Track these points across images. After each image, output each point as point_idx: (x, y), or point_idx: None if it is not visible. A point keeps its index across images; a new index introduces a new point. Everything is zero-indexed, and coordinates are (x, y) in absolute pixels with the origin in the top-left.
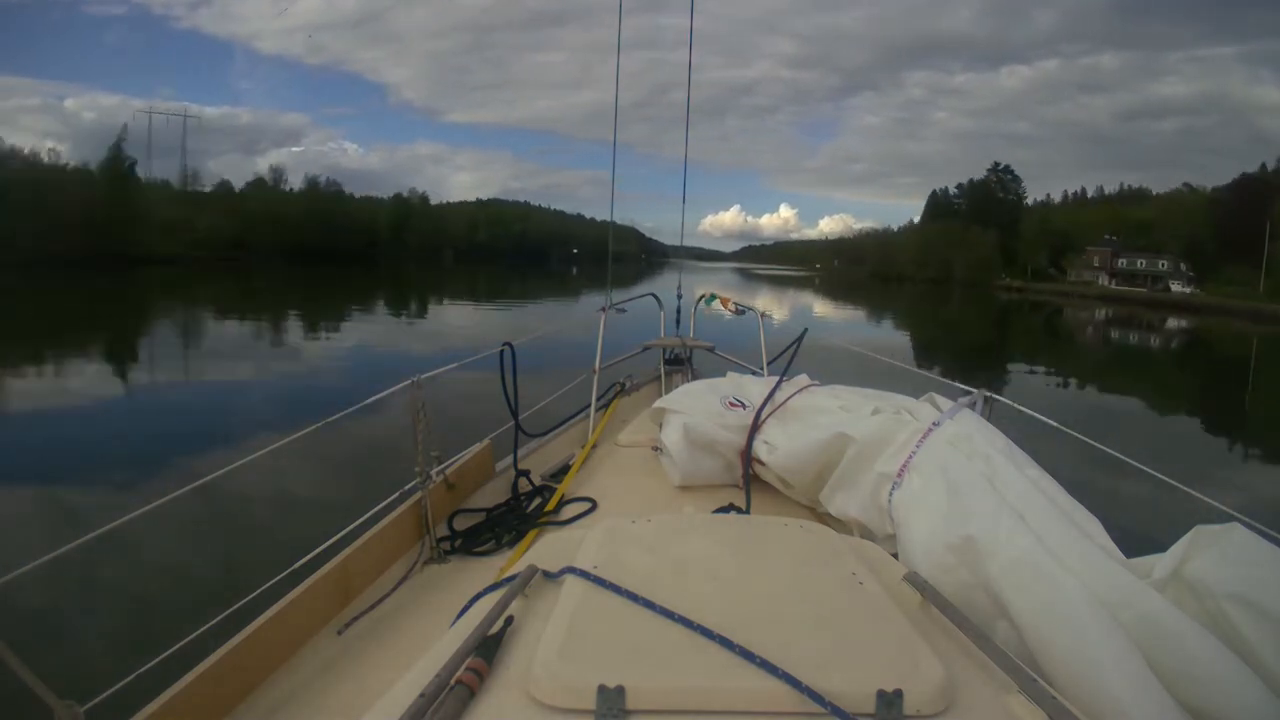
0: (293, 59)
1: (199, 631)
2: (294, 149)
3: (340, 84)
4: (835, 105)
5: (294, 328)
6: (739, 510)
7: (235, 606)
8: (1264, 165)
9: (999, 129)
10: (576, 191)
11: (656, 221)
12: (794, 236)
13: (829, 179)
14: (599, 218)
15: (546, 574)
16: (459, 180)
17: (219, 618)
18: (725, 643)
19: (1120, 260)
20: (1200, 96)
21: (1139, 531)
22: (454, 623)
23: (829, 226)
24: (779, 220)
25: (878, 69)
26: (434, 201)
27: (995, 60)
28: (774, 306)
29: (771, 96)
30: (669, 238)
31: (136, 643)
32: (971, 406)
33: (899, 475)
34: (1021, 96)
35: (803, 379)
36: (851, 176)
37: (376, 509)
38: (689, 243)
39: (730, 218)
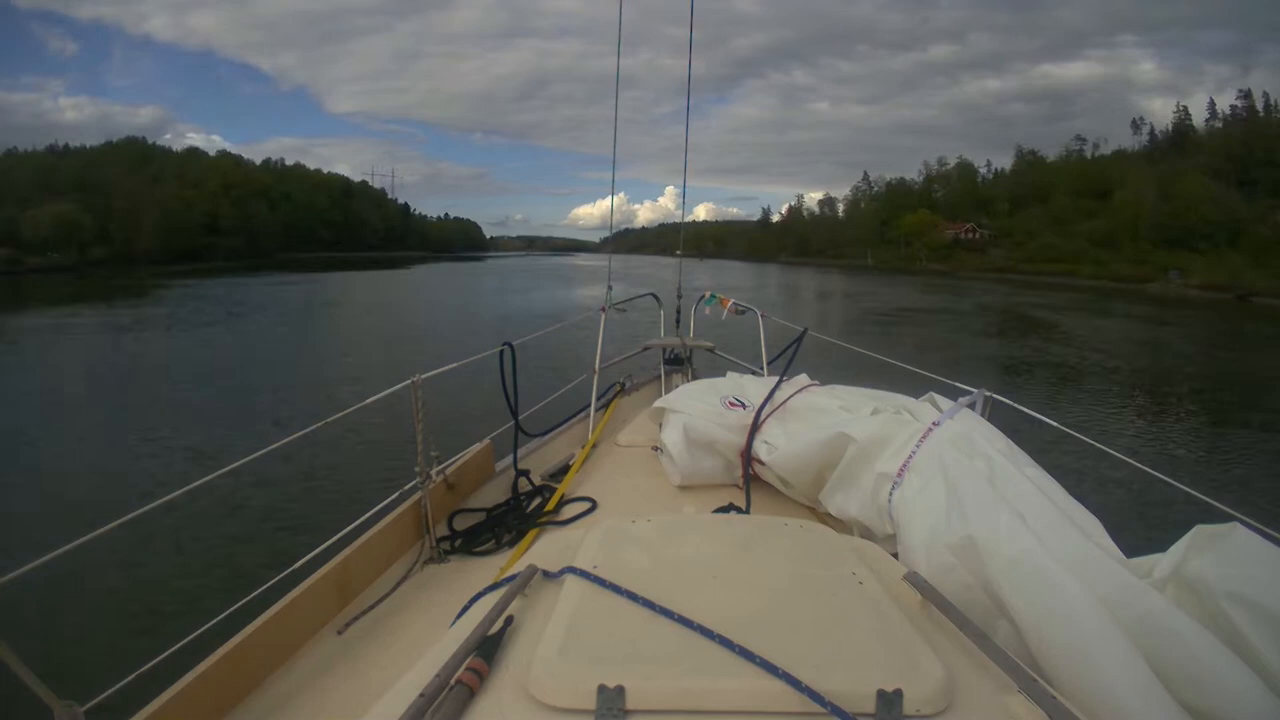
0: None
1: (199, 631)
2: None
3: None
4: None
5: None
6: (739, 510)
7: (235, 606)
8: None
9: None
10: None
11: (527, 213)
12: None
13: (709, 168)
14: None
15: (546, 574)
16: None
17: (219, 618)
18: (725, 643)
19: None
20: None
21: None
22: (454, 622)
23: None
24: (659, 209)
25: (767, 59)
26: None
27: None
28: None
29: (653, 89)
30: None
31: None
32: (971, 406)
33: (899, 475)
34: (908, 81)
35: (803, 379)
36: (731, 166)
37: (376, 509)
38: (559, 234)
39: (597, 209)
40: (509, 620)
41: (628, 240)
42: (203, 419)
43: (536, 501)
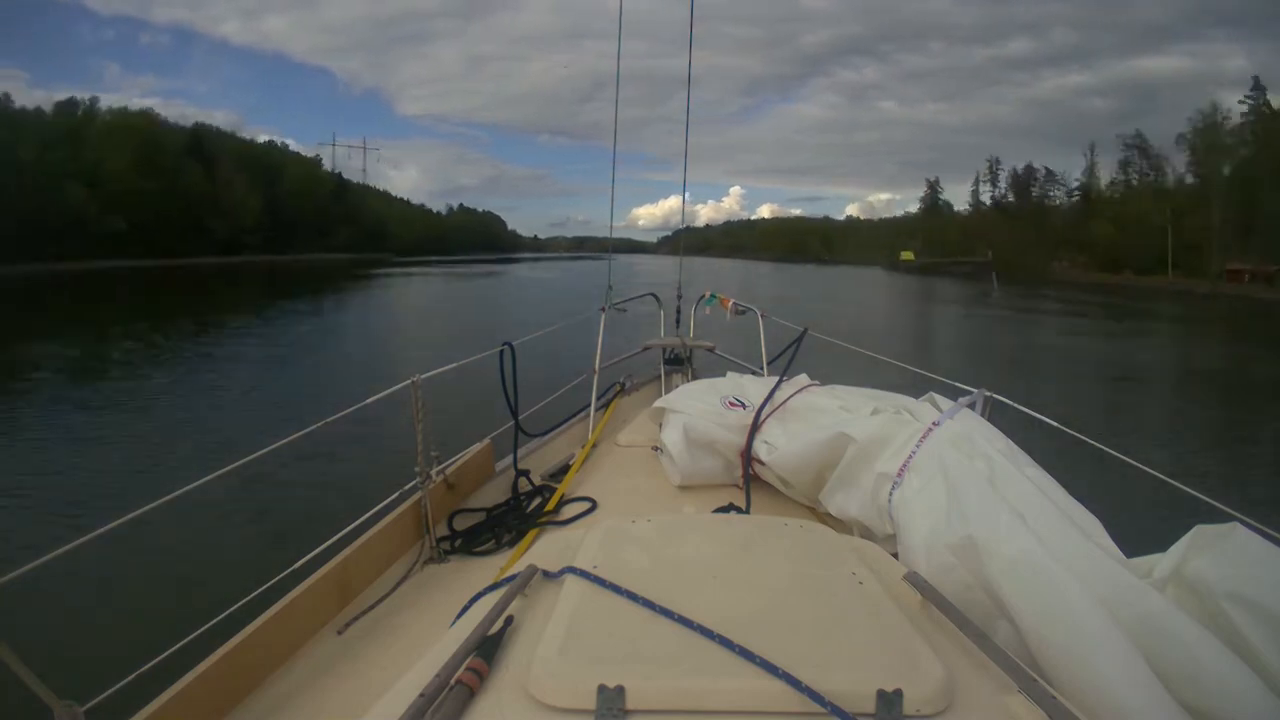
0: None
1: (199, 631)
2: None
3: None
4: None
5: None
6: (739, 510)
7: (235, 606)
8: None
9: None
10: None
11: (589, 214)
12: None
13: (770, 168)
14: None
15: (546, 574)
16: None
17: (219, 618)
18: (725, 643)
19: None
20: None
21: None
22: (454, 622)
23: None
24: (722, 209)
25: (834, 55)
26: None
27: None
28: None
29: (716, 90)
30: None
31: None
32: (971, 406)
33: (899, 475)
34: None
35: (803, 379)
36: (794, 166)
37: (376, 509)
38: (620, 234)
39: (658, 209)
40: (509, 620)
41: (692, 241)
42: None
43: (536, 501)
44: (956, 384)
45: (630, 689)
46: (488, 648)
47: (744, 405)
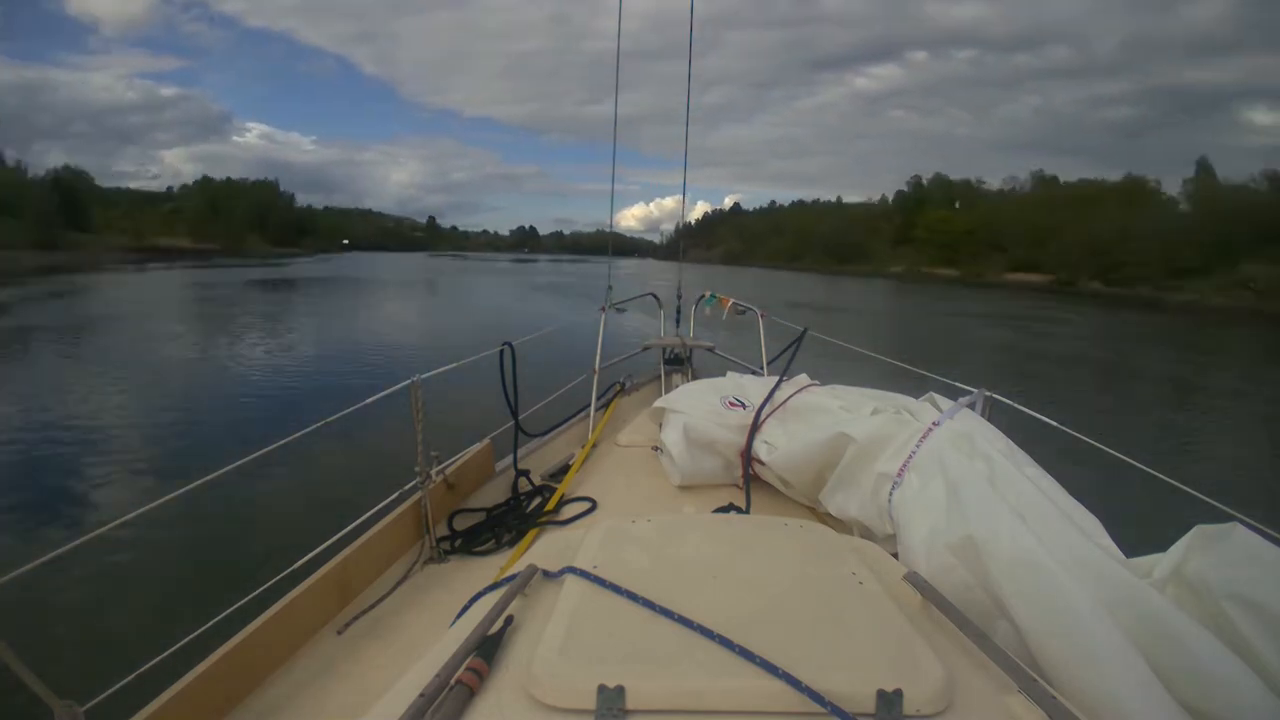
0: None
1: (199, 631)
2: None
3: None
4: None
5: None
6: (739, 510)
7: (235, 606)
8: None
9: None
10: None
11: (583, 213)
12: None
13: (774, 175)
14: None
15: (546, 574)
16: None
17: (219, 617)
18: (725, 643)
19: None
20: None
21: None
22: (454, 622)
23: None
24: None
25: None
26: None
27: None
28: None
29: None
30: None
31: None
32: (971, 406)
33: (899, 475)
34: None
35: (803, 379)
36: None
37: (376, 509)
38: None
39: (657, 209)
40: (509, 620)
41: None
42: None
43: (536, 501)
44: (956, 384)
45: (630, 689)
46: (488, 648)
47: (744, 405)
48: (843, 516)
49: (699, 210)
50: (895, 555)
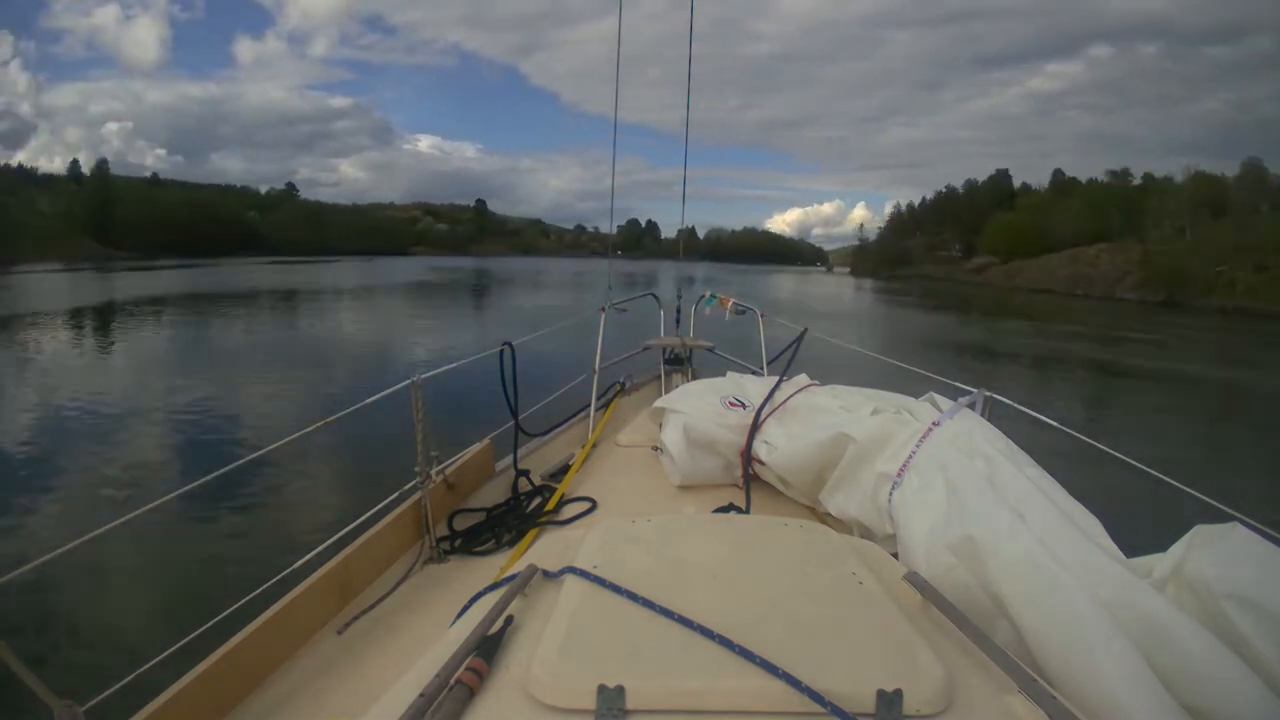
0: None
1: (199, 631)
2: None
3: None
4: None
5: None
6: (739, 510)
7: (235, 606)
8: None
9: None
10: None
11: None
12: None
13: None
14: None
15: (546, 574)
16: None
17: (219, 617)
18: (725, 643)
19: None
20: None
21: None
22: (454, 622)
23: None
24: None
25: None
26: None
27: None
28: None
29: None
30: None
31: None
32: (971, 406)
33: (899, 475)
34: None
35: (803, 379)
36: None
37: (376, 509)
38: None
39: (800, 212)
40: (509, 620)
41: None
42: None
43: (536, 501)
44: (956, 384)
45: (630, 689)
46: (488, 648)
47: (744, 405)
48: (843, 516)
49: (858, 216)
50: (895, 555)
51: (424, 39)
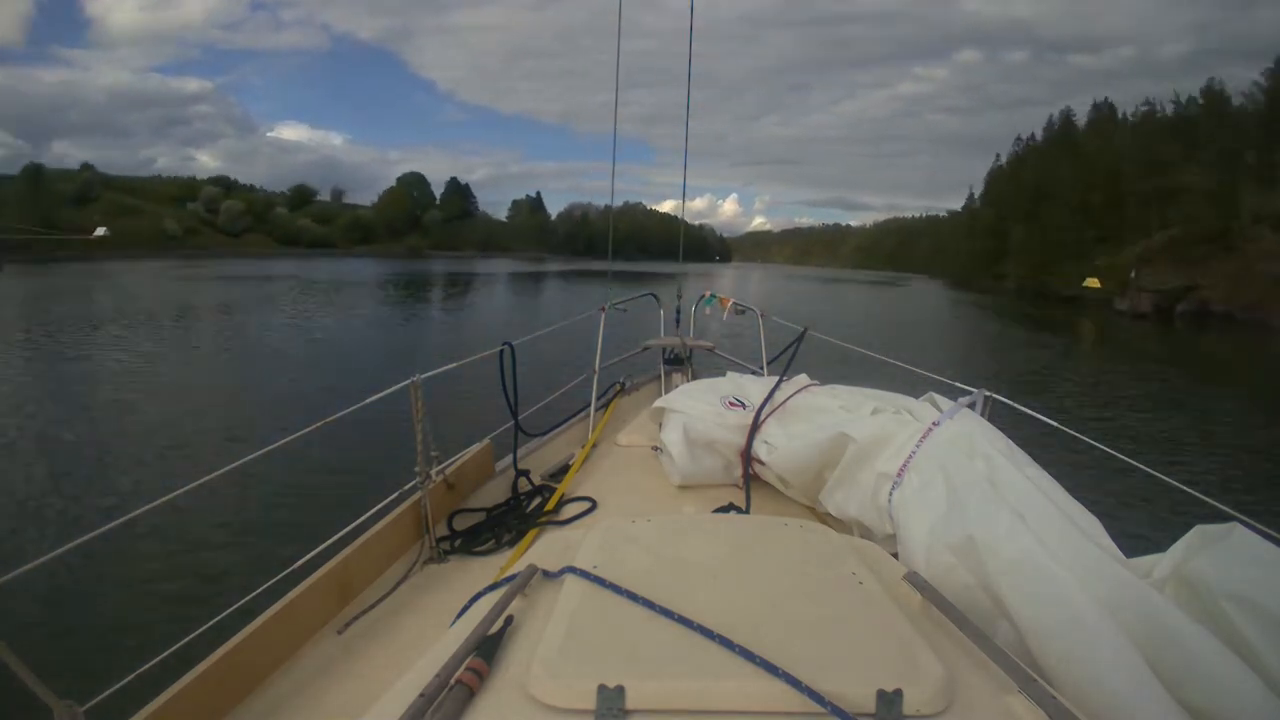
0: None
1: (199, 631)
2: None
3: None
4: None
5: None
6: (739, 510)
7: (235, 606)
8: None
9: None
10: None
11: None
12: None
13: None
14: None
15: (546, 574)
16: None
17: (219, 617)
18: (725, 643)
19: None
20: None
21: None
22: (454, 622)
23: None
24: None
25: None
26: None
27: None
28: None
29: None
30: None
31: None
32: (971, 406)
33: (899, 475)
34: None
35: (803, 379)
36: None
37: (376, 509)
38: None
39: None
40: (509, 620)
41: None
42: None
43: (536, 501)
44: (956, 384)
45: (630, 689)
46: (488, 648)
47: (744, 405)
48: (842, 516)
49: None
50: (895, 555)
51: (293, 19)
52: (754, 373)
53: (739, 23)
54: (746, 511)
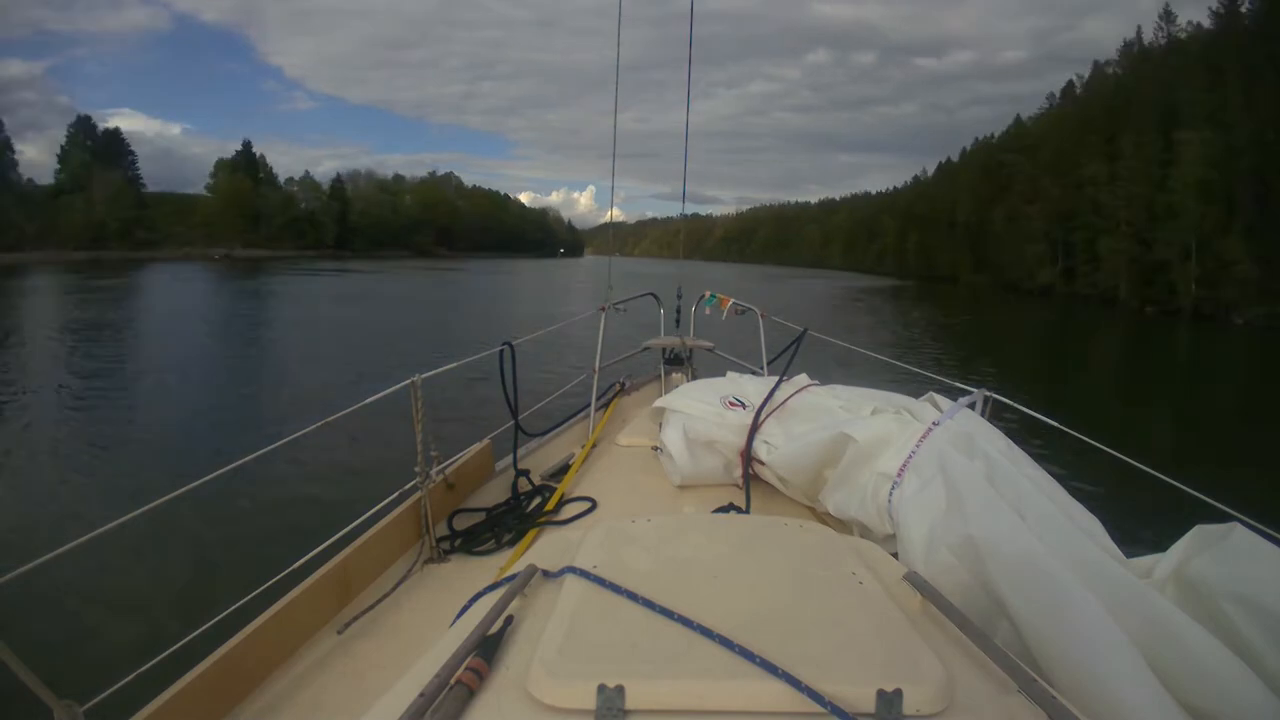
0: None
1: (199, 631)
2: None
3: None
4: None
5: None
6: (739, 510)
7: (235, 606)
8: None
9: None
10: None
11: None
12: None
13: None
14: None
15: (546, 573)
16: None
17: (219, 617)
18: (725, 643)
19: None
20: None
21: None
22: (454, 622)
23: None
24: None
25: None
26: None
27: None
28: None
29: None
30: None
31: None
32: (971, 406)
33: (899, 475)
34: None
35: (803, 379)
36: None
37: (376, 509)
38: None
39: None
40: (509, 620)
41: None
42: None
43: (536, 501)
44: (956, 384)
45: (630, 689)
46: (487, 648)
47: (744, 405)
48: (842, 516)
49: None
50: (895, 555)
51: None
52: (754, 372)
53: (592, 15)
54: (746, 511)
